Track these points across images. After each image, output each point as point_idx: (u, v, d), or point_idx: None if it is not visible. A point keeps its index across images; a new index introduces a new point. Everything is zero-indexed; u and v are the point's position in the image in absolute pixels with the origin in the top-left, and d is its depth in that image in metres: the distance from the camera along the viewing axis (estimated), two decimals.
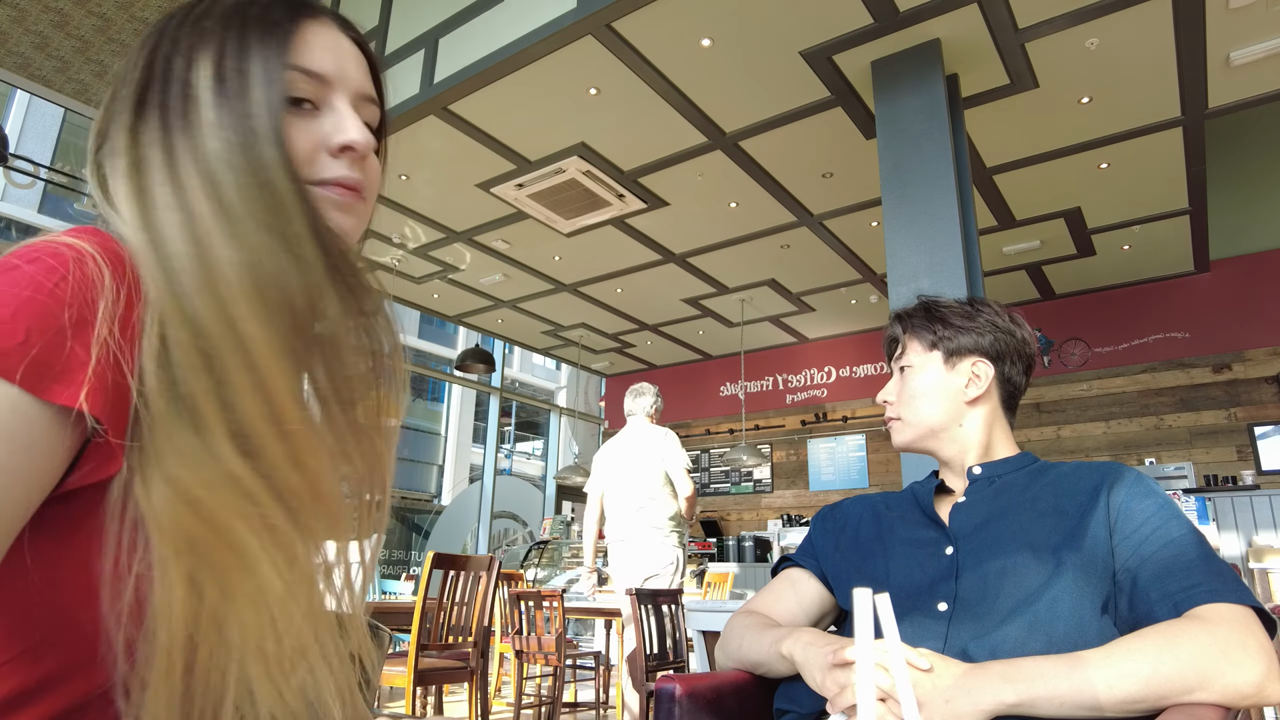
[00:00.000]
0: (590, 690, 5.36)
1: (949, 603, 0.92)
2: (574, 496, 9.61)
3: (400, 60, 4.08)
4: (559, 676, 3.82)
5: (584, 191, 4.82)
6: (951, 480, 1.09)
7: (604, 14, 3.24)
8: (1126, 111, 4.00)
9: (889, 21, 3.29)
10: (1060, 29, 3.35)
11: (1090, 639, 0.83)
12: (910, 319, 1.15)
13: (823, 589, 1.13)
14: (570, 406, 10.31)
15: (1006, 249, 5.63)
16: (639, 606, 2.96)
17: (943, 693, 0.78)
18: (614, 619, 4.28)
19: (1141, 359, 6.27)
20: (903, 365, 1.14)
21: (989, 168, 4.53)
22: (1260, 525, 4.33)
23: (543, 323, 7.49)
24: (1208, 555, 0.85)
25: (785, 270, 6.13)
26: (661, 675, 0.98)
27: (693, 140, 4.29)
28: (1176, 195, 4.87)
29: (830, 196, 4.90)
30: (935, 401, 1.09)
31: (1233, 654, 0.74)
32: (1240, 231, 5.96)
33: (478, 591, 3.25)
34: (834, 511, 1.18)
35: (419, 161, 4.56)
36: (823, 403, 7.90)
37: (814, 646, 0.91)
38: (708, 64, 3.65)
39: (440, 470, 13.94)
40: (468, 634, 3.19)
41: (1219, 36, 3.45)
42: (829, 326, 7.59)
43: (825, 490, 7.65)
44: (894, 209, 3.26)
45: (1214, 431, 5.88)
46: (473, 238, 5.57)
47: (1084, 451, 6.34)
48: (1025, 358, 1.12)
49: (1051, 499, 0.97)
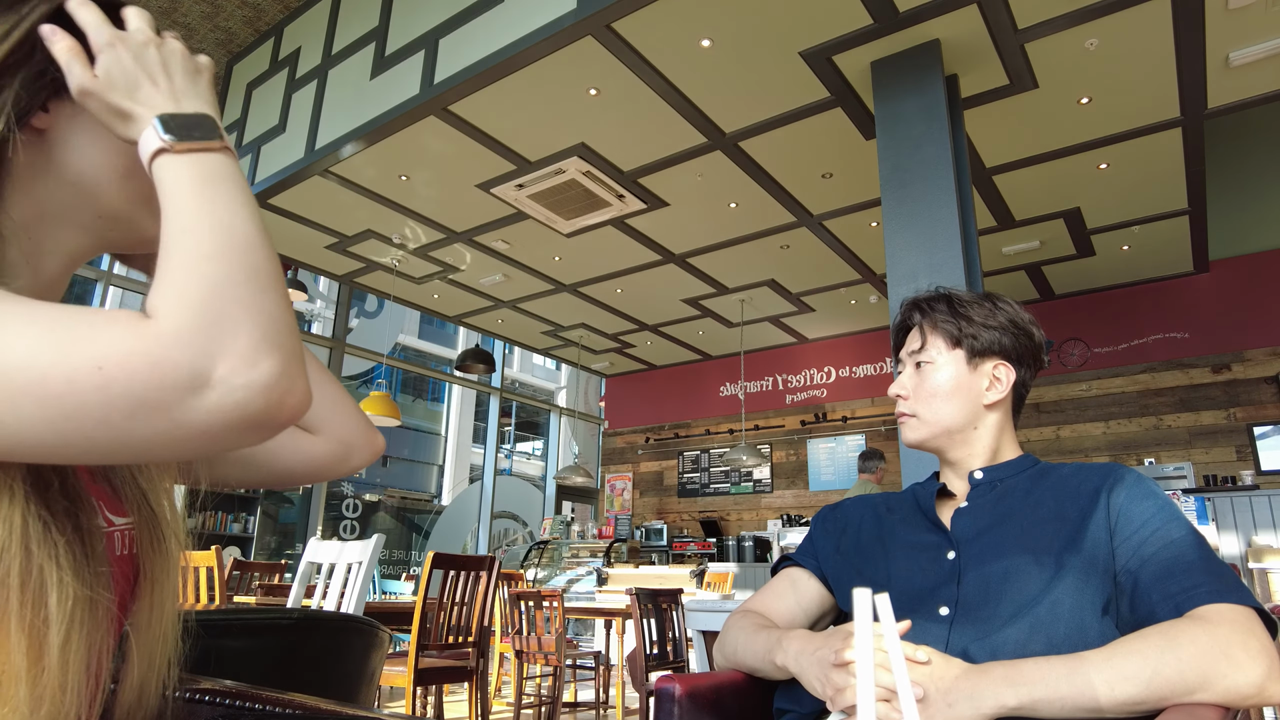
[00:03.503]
0: (590, 690, 5.36)
1: (950, 607, 0.92)
2: (574, 496, 9.61)
3: (400, 60, 4.08)
4: (559, 676, 3.83)
5: (584, 192, 4.82)
6: (953, 483, 1.08)
7: (604, 14, 3.24)
8: (1126, 112, 4.00)
9: (889, 22, 3.29)
10: (1060, 29, 3.35)
11: (1091, 640, 0.83)
12: (932, 310, 1.09)
13: (822, 589, 1.13)
14: (570, 407, 10.31)
15: (1006, 249, 5.63)
16: (639, 606, 2.96)
17: (944, 695, 0.77)
18: (614, 619, 4.28)
19: (1141, 359, 6.27)
20: (921, 360, 1.08)
21: (989, 168, 4.53)
22: (1260, 525, 4.33)
23: (543, 323, 7.50)
24: (1208, 556, 0.85)
25: (785, 270, 6.13)
26: (661, 675, 0.98)
27: (692, 140, 4.29)
28: (1176, 195, 4.87)
29: (830, 197, 4.90)
30: (955, 402, 1.05)
31: (1234, 654, 0.74)
32: (1240, 232, 5.96)
33: (478, 591, 3.25)
34: (835, 512, 1.18)
35: (419, 161, 4.56)
36: (822, 403, 7.91)
37: (805, 654, 0.91)
38: (707, 64, 3.65)
39: (440, 470, 13.94)
40: (468, 634, 3.19)
41: (1218, 37, 3.45)
42: (829, 327, 7.59)
43: (825, 490, 7.65)
44: (894, 209, 3.26)
45: (1213, 432, 5.88)
46: (473, 238, 5.57)
47: (1083, 452, 6.34)
48: (1039, 361, 1.10)
49: (1053, 503, 0.96)
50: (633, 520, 8.80)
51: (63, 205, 0.59)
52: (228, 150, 0.55)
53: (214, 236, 0.49)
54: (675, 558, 7.65)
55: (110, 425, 0.43)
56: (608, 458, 9.46)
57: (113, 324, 0.44)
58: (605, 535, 8.35)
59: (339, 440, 0.76)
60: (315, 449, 0.75)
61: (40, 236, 0.58)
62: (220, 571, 3.49)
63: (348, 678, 1.42)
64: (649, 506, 8.86)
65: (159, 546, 0.62)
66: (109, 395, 0.43)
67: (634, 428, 9.25)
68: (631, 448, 9.21)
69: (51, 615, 0.48)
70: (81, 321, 0.44)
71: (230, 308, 0.47)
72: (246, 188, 0.54)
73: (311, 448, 0.74)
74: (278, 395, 0.47)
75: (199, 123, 0.55)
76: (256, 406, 0.46)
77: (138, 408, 0.43)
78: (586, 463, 10.32)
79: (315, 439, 0.75)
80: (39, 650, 0.48)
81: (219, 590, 3.48)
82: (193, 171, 0.52)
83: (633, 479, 9.09)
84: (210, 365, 0.45)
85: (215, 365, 0.45)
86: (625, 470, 9.19)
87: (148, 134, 0.54)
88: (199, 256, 0.48)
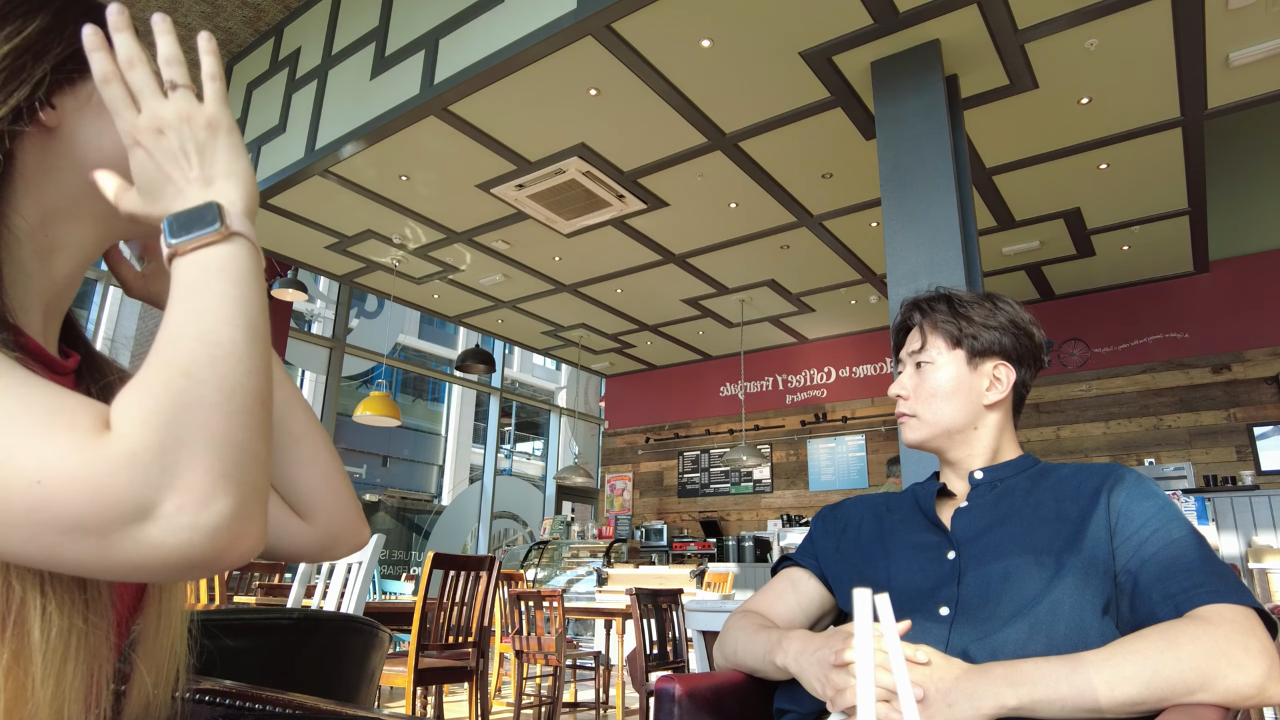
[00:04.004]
0: (590, 690, 5.36)
1: (950, 607, 0.92)
2: (574, 497, 9.61)
3: (400, 61, 4.08)
4: (559, 676, 3.83)
5: (584, 192, 4.82)
6: (953, 483, 1.08)
7: (604, 15, 3.24)
8: (1126, 112, 4.00)
9: (889, 22, 3.29)
10: (1060, 29, 3.35)
11: (1091, 640, 0.83)
12: (932, 310, 1.09)
13: (823, 589, 1.13)
14: (570, 407, 10.32)
15: (1006, 249, 5.63)
16: (639, 606, 2.96)
17: (944, 695, 0.77)
18: (614, 619, 4.28)
19: (1141, 359, 6.27)
20: (921, 360, 1.08)
21: (989, 168, 4.53)
22: (1260, 526, 4.33)
23: (543, 323, 7.50)
24: (1208, 556, 0.85)
25: (785, 270, 6.13)
26: (661, 675, 0.98)
27: (693, 141, 4.29)
28: (1176, 195, 4.87)
29: (830, 197, 4.90)
30: (955, 403, 1.05)
31: (1234, 655, 0.74)
32: (1240, 232, 5.96)
33: (478, 591, 3.25)
34: (835, 512, 1.18)
35: (419, 162, 4.56)
36: (822, 403, 7.91)
37: (806, 654, 0.91)
38: (708, 64, 3.65)
39: (440, 470, 13.94)
40: (468, 634, 3.19)
41: (1218, 37, 3.45)
42: (829, 327, 7.59)
43: (825, 490, 7.65)
44: (894, 209, 3.26)
45: (1213, 432, 5.88)
46: (473, 238, 5.57)
47: (1083, 452, 6.34)
48: (1039, 361, 1.10)
49: (1053, 503, 0.96)
50: (633, 520, 8.80)
51: (75, 198, 0.58)
52: (233, 237, 0.50)
53: (194, 349, 0.46)
54: (675, 558, 7.65)
55: (38, 542, 0.40)
56: (608, 458, 9.46)
57: (67, 432, 0.41)
58: (605, 535, 8.35)
59: (326, 531, 0.72)
60: (302, 536, 0.71)
61: (54, 233, 0.58)
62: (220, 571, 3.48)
63: (348, 678, 1.42)
64: (649, 506, 8.86)
65: None
66: (43, 515, 0.40)
67: (634, 428, 9.25)
68: (631, 448, 9.21)
69: (35, 650, 0.46)
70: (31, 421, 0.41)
71: (193, 434, 0.43)
72: (251, 281, 0.50)
73: (298, 533, 0.71)
74: (226, 540, 0.43)
75: (199, 215, 0.50)
76: (199, 550, 0.42)
77: (72, 529, 0.40)
78: (586, 463, 10.32)
79: (304, 526, 0.71)
80: (21, 689, 0.45)
81: (219, 590, 3.48)
82: (188, 274, 0.48)
83: (633, 479, 9.09)
84: (157, 498, 0.41)
85: (163, 499, 0.41)
86: (625, 470, 9.20)
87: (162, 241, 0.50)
88: (175, 370, 0.45)
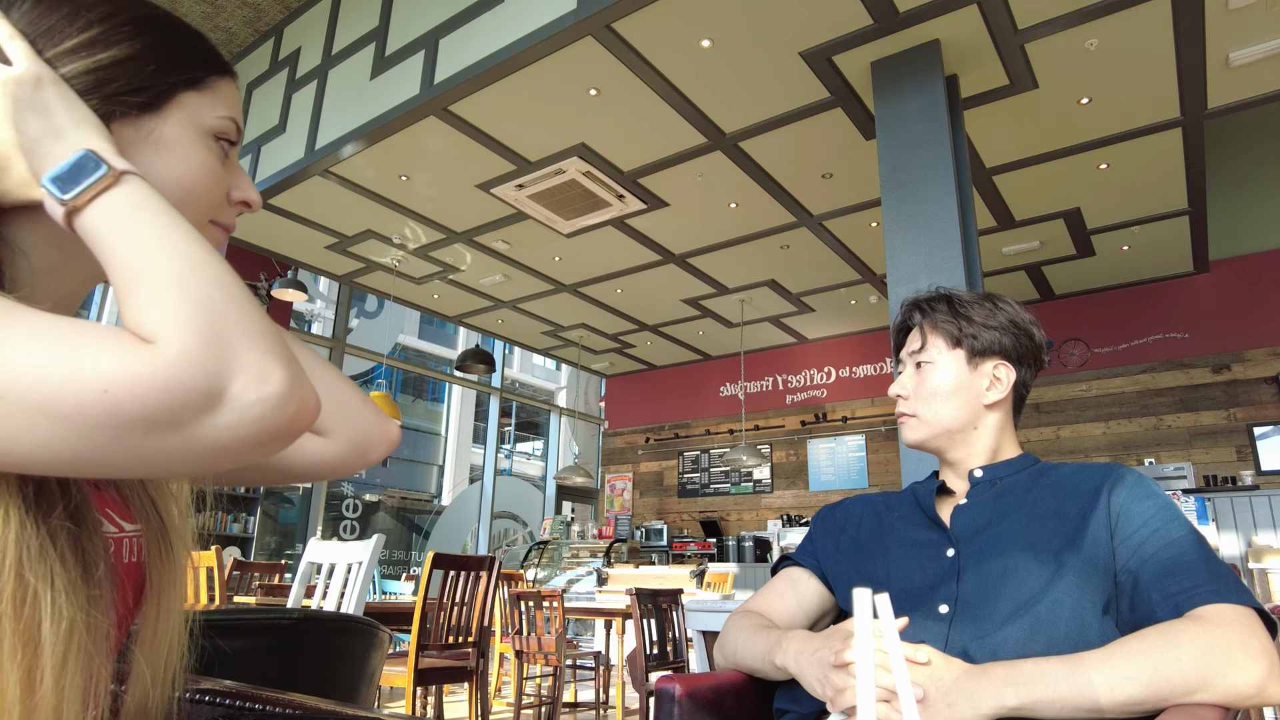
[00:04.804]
0: (590, 690, 5.36)
1: (950, 605, 0.92)
2: (574, 497, 9.61)
3: (400, 60, 4.08)
4: (559, 676, 3.83)
5: (584, 192, 4.82)
6: (952, 481, 1.08)
7: (604, 15, 3.24)
8: (1126, 112, 4.00)
9: (889, 22, 3.29)
10: (1060, 30, 3.35)
11: (1091, 640, 0.83)
12: (932, 310, 1.09)
13: (823, 588, 1.13)
14: (570, 407, 10.32)
15: (1006, 249, 5.63)
16: (639, 606, 2.96)
17: (944, 695, 0.77)
18: (614, 619, 4.28)
19: (1141, 359, 6.27)
20: (921, 360, 1.08)
21: (989, 168, 4.53)
22: (1260, 525, 4.33)
23: (543, 323, 7.50)
24: (1208, 556, 0.85)
25: (785, 270, 6.13)
26: (661, 675, 0.98)
27: (692, 141, 4.29)
28: (1176, 196, 4.87)
29: (830, 197, 4.90)
30: (955, 402, 1.05)
31: (1234, 655, 0.74)
32: (1240, 232, 5.96)
33: (478, 591, 3.25)
34: (834, 511, 1.18)
35: (419, 162, 4.56)
36: (822, 403, 7.91)
37: (805, 654, 0.91)
38: (708, 64, 3.65)
39: (440, 470, 13.94)
40: (468, 634, 3.19)
41: (1218, 37, 3.45)
42: (829, 327, 7.60)
43: (825, 490, 7.65)
44: (894, 209, 3.26)
45: (1213, 432, 5.89)
46: (473, 238, 5.57)
47: (1083, 452, 6.34)
48: (1040, 361, 1.10)
49: (1053, 501, 0.96)
50: (633, 520, 8.80)
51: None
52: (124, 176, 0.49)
53: (169, 263, 0.47)
54: (675, 558, 7.65)
55: (125, 445, 0.43)
56: (608, 458, 9.46)
57: (117, 343, 0.43)
58: (605, 535, 8.35)
59: (350, 440, 0.73)
60: (325, 451, 0.72)
61: (69, 251, 0.57)
62: (220, 571, 3.49)
63: (348, 678, 1.42)
64: (649, 506, 8.87)
65: (167, 556, 0.61)
66: (120, 417, 0.42)
67: (634, 428, 9.25)
68: (631, 448, 9.21)
69: (45, 642, 0.47)
70: (80, 339, 0.43)
71: (223, 324, 0.45)
72: (168, 208, 0.50)
73: (320, 448, 0.72)
74: (294, 406, 0.47)
75: (80, 166, 0.49)
76: (273, 420, 0.46)
77: (153, 427, 0.43)
78: (586, 463, 10.32)
79: (326, 441, 0.72)
80: (31, 680, 0.47)
81: (219, 590, 3.48)
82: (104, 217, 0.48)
83: (633, 479, 9.09)
84: (221, 384, 0.44)
85: (227, 384, 0.44)
86: (625, 470, 9.20)
87: (49, 204, 0.49)
88: (168, 281, 0.46)
